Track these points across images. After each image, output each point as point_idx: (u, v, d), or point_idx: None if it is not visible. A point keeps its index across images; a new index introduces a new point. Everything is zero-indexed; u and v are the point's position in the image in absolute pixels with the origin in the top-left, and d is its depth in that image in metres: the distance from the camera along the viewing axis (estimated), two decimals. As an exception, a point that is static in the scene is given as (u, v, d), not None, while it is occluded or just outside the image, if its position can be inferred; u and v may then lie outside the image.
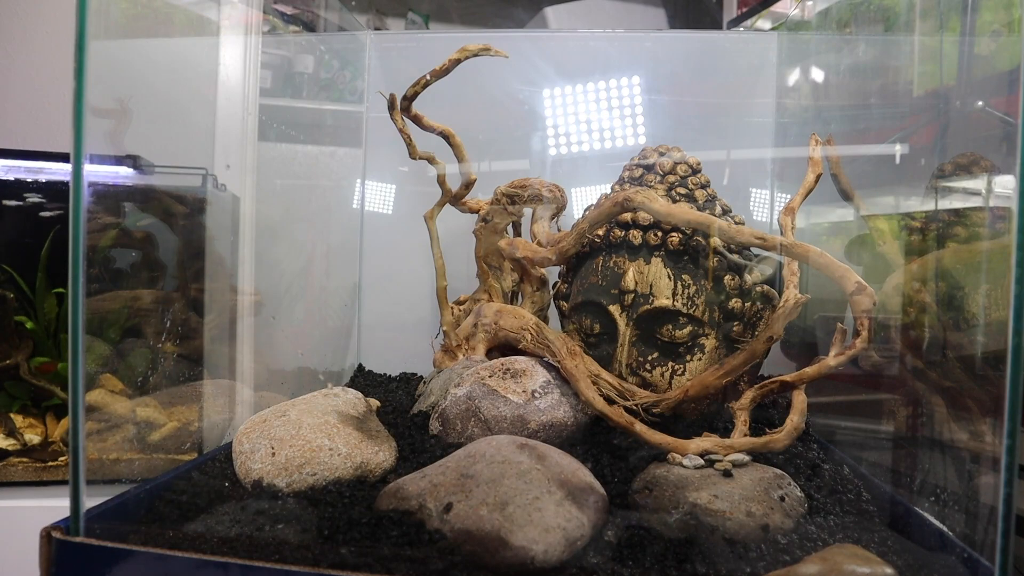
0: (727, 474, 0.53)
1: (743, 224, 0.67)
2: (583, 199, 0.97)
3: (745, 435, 0.59)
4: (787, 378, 0.59)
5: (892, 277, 0.69)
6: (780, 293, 0.67)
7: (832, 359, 0.56)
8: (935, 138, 0.70)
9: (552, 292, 0.84)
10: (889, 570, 0.42)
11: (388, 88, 0.78)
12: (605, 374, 0.66)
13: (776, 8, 1.20)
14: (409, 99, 0.77)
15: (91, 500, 0.49)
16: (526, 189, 0.81)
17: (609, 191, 0.78)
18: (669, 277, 0.68)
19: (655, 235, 0.69)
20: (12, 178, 0.83)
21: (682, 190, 0.73)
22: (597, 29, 1.02)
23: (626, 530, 0.49)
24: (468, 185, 0.84)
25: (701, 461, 0.55)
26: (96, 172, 0.74)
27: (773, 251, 0.61)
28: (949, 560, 0.47)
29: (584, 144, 0.96)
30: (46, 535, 0.46)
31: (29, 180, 0.83)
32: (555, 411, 0.64)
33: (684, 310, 0.67)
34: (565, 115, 0.95)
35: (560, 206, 0.82)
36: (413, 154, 0.80)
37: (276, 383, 0.94)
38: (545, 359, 0.70)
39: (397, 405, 0.78)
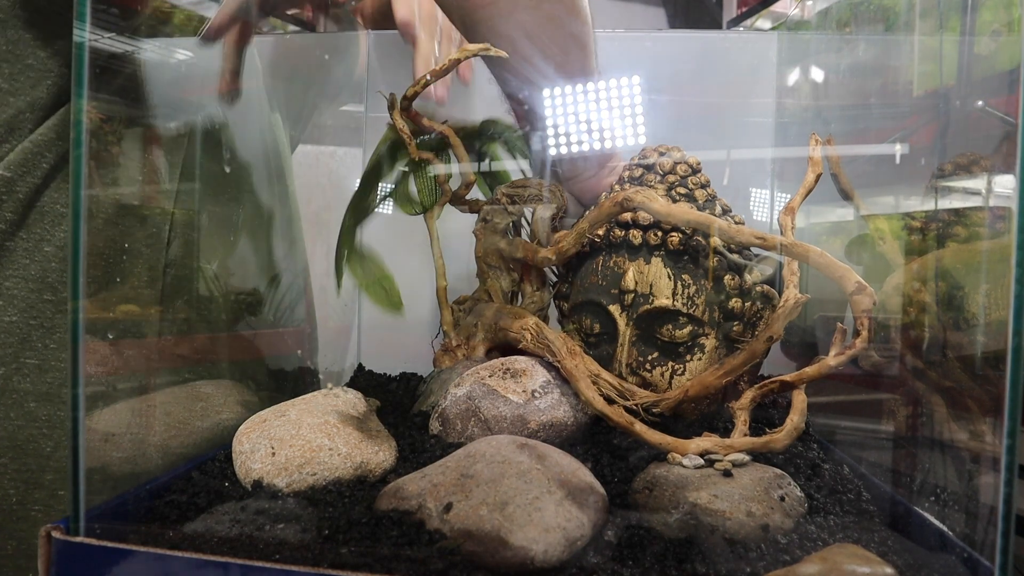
0: (727, 474, 0.53)
1: (743, 224, 0.67)
2: (583, 199, 0.96)
3: (745, 435, 0.59)
4: (787, 378, 0.59)
5: (892, 277, 0.69)
6: (780, 293, 0.67)
7: (832, 359, 0.56)
8: (935, 138, 0.70)
9: (552, 292, 0.84)
10: (889, 570, 0.42)
11: (388, 88, 0.78)
12: (605, 374, 0.66)
13: (776, 8, 1.20)
14: (409, 99, 0.77)
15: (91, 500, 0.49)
16: (526, 189, 0.81)
17: (609, 191, 0.78)
18: (669, 277, 0.68)
19: (655, 235, 0.69)
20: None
21: (682, 190, 0.73)
22: (597, 29, 1.02)
23: (626, 530, 0.49)
24: (468, 185, 0.84)
25: (701, 461, 0.55)
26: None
27: (773, 251, 0.61)
28: (949, 560, 0.47)
29: (584, 144, 0.95)
30: (46, 535, 0.46)
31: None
32: (555, 411, 0.64)
33: (684, 310, 0.67)
34: (565, 115, 0.95)
35: (560, 206, 0.82)
36: (413, 154, 0.80)
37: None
38: (545, 359, 0.70)
39: (397, 405, 0.78)
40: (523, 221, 0.84)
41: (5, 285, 0.64)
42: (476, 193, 0.86)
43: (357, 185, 1.02)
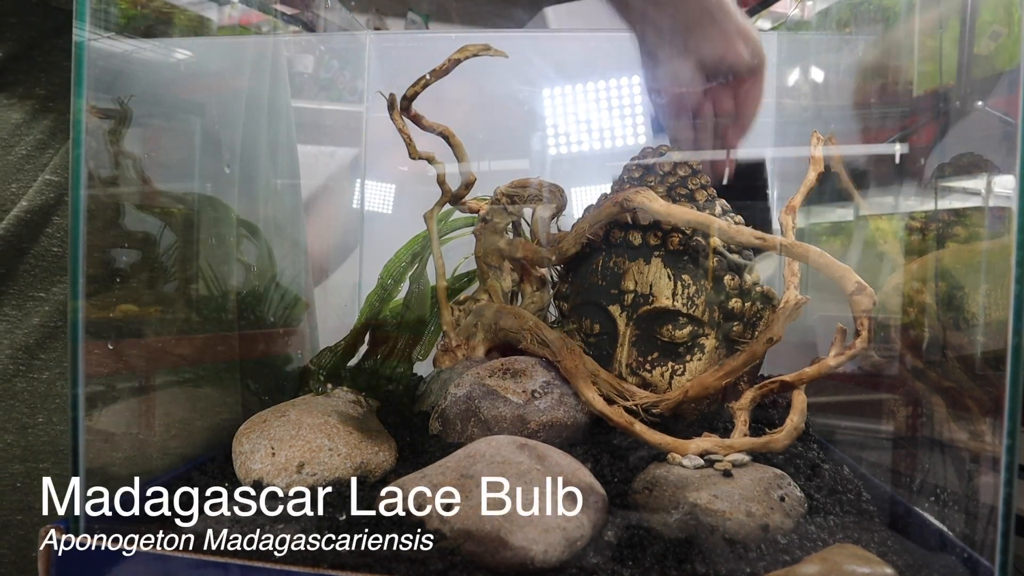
0: (727, 474, 0.53)
1: (743, 224, 0.67)
2: (583, 199, 0.96)
3: (745, 435, 0.59)
4: (787, 378, 0.59)
5: (892, 277, 0.69)
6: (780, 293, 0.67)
7: (832, 359, 0.56)
8: (935, 138, 0.70)
9: (552, 292, 0.83)
10: (889, 570, 0.42)
11: (388, 88, 0.78)
12: (604, 374, 0.66)
13: (776, 8, 1.20)
14: (409, 99, 0.77)
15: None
16: (526, 189, 0.81)
17: (609, 191, 0.78)
18: (669, 277, 0.68)
19: (655, 235, 0.69)
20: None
21: (682, 190, 0.73)
22: (599, 31, 1.02)
23: (626, 530, 0.49)
24: (468, 185, 0.84)
25: (701, 461, 0.55)
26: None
27: (773, 251, 0.61)
28: (949, 560, 0.47)
29: (584, 144, 0.95)
30: (46, 535, 0.46)
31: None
32: (555, 411, 0.64)
33: (684, 310, 0.67)
34: (565, 115, 0.95)
35: (560, 206, 0.82)
36: (413, 154, 0.80)
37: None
38: (545, 359, 0.70)
39: (397, 405, 0.78)
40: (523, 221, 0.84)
41: (52, 291, 0.65)
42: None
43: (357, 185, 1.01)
